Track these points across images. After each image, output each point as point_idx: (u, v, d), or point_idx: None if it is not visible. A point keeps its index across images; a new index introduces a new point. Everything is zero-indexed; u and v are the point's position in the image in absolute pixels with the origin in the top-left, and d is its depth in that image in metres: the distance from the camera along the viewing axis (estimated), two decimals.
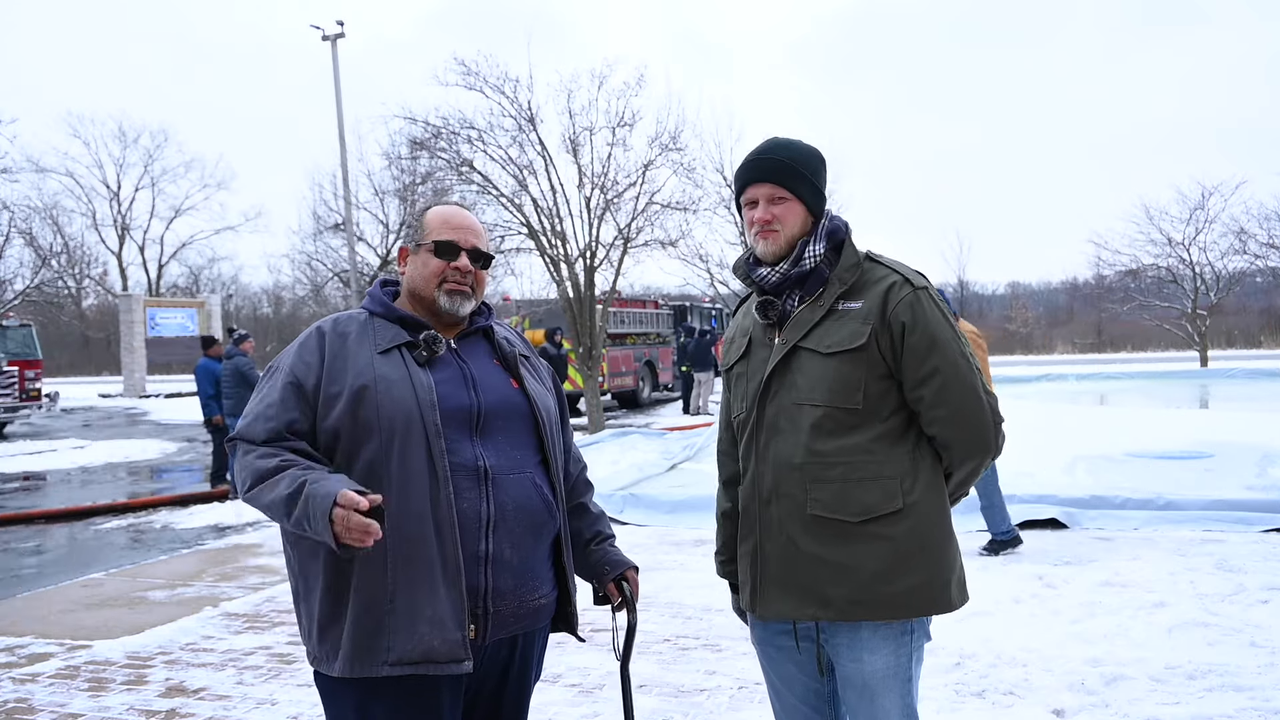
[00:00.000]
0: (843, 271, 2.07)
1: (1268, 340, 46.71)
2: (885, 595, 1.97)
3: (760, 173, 2.10)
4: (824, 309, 2.06)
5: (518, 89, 15.82)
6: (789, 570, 2.05)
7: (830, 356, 2.02)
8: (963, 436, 2.03)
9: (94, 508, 10.06)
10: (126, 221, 45.64)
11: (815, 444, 2.01)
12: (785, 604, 2.07)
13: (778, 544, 2.07)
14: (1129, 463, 9.50)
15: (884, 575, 1.97)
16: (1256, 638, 4.36)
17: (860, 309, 2.03)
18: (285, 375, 1.94)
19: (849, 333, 2.01)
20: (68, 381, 46.01)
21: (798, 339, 2.06)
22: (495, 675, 2.00)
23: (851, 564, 1.99)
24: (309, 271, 35.61)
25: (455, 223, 2.08)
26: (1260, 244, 29.76)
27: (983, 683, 3.96)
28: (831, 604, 2.00)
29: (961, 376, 2.01)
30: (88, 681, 4.45)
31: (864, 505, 1.99)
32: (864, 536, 1.99)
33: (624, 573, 2.19)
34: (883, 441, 2.01)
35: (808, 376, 2.04)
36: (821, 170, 2.13)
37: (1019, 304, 58.84)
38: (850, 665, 2.04)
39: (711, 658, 4.40)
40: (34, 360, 21.25)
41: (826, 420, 2.01)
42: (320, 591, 1.88)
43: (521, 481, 1.97)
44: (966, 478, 2.11)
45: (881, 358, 2.01)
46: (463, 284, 2.04)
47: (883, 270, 2.07)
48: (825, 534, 2.01)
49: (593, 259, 16.26)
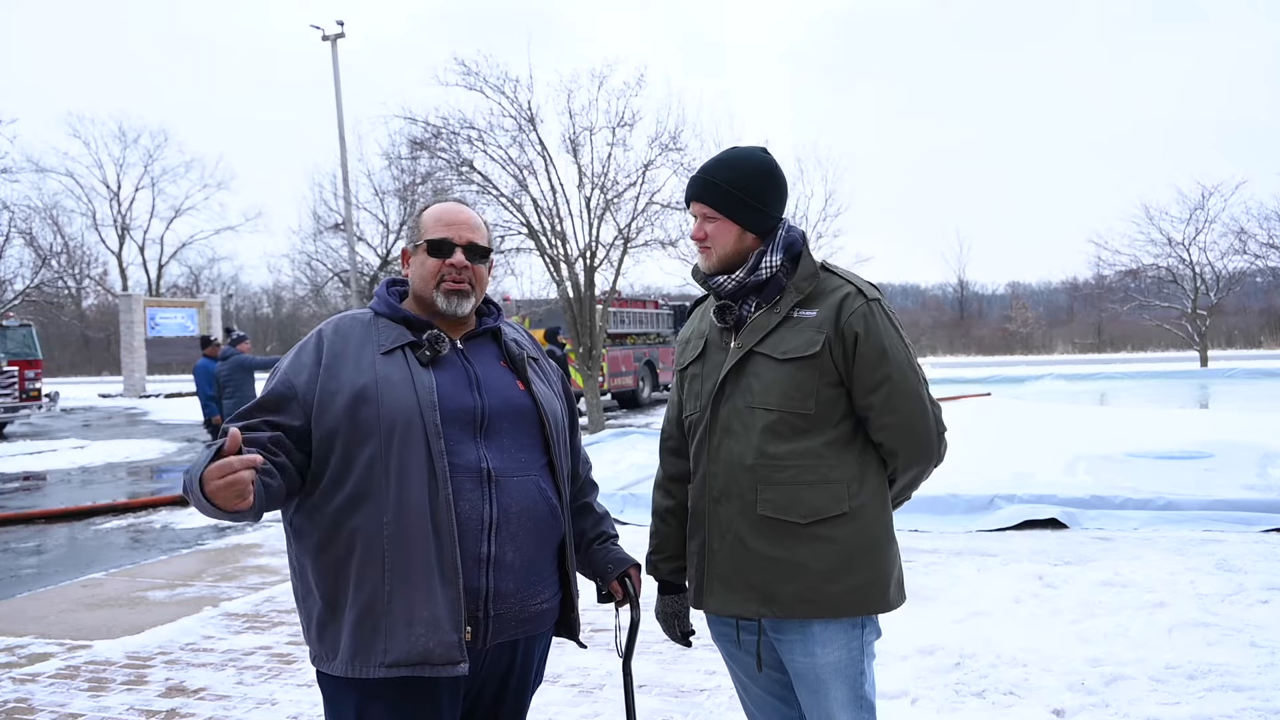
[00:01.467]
0: (800, 280, 2.13)
1: (1268, 340, 46.72)
2: (830, 594, 2.04)
3: (695, 191, 2.18)
4: (780, 316, 2.11)
5: (518, 89, 15.85)
6: (735, 568, 2.11)
7: (785, 362, 2.07)
8: (909, 444, 2.10)
9: (94, 508, 10.05)
10: (126, 221, 45.71)
11: (767, 446, 2.07)
12: (729, 600, 2.13)
13: (726, 542, 2.12)
14: (1129, 463, 9.51)
15: (829, 575, 2.04)
16: (1257, 638, 4.36)
17: (815, 318, 2.09)
18: (280, 377, 1.94)
19: (804, 340, 2.07)
20: (68, 381, 46.00)
21: (753, 344, 2.12)
22: (496, 680, 1.99)
23: (798, 563, 2.04)
24: (309, 271, 35.67)
25: (448, 219, 2.04)
26: (1260, 244, 29.82)
27: (983, 683, 3.96)
28: (776, 601, 2.07)
29: (909, 386, 2.07)
30: (88, 681, 4.45)
31: (811, 507, 2.05)
32: (810, 538, 2.04)
33: (627, 570, 2.19)
34: (833, 447, 2.08)
35: (762, 381, 2.10)
36: (766, 189, 2.15)
37: (1019, 304, 58.88)
38: (802, 660, 2.10)
39: (711, 658, 4.38)
40: (34, 360, 21.23)
41: (779, 424, 2.07)
42: (320, 591, 1.88)
43: (525, 484, 1.96)
44: (910, 483, 2.19)
45: (834, 365, 2.07)
46: (460, 282, 2.01)
47: (838, 281, 2.14)
48: (773, 534, 2.06)
49: (593, 259, 16.26)
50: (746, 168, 2.15)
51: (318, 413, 1.88)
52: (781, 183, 2.19)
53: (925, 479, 2.22)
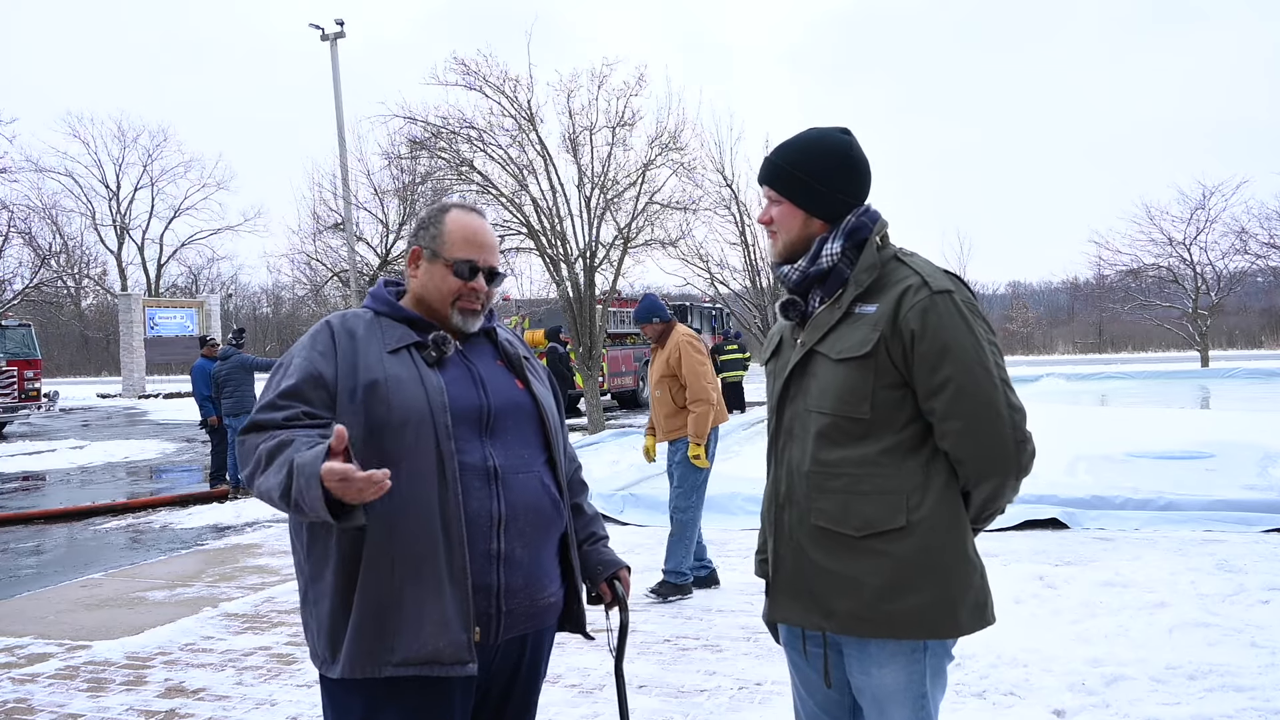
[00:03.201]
0: (860, 273, 1.98)
1: (1268, 340, 46.74)
2: (886, 614, 1.90)
3: (761, 173, 2.11)
4: (841, 311, 1.97)
5: (517, 89, 15.85)
6: (797, 577, 2.02)
7: (840, 363, 1.94)
8: (977, 453, 1.90)
9: (94, 508, 10.05)
10: (126, 221, 45.71)
11: (820, 453, 1.96)
12: (793, 610, 2.04)
13: (789, 549, 2.03)
14: (1129, 463, 9.51)
15: (885, 593, 1.90)
16: (1257, 638, 4.35)
17: (874, 314, 1.93)
18: (302, 365, 1.91)
19: (858, 339, 1.93)
20: (67, 381, 46.03)
21: (814, 342, 2.00)
22: (505, 676, 2.00)
23: (854, 578, 1.92)
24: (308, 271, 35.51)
25: (477, 240, 2.04)
26: (1261, 244, 29.82)
27: (983, 683, 3.95)
28: (835, 616, 1.95)
29: (978, 387, 1.87)
30: (87, 682, 4.44)
31: (864, 519, 1.91)
32: (865, 551, 1.91)
33: (616, 573, 2.19)
34: (893, 454, 1.92)
35: (819, 382, 1.98)
36: (833, 171, 2.03)
37: (1020, 304, 58.94)
38: (861, 678, 2.00)
39: (711, 658, 4.39)
40: (33, 360, 21.24)
41: (832, 429, 1.95)
42: (328, 592, 1.87)
43: (530, 481, 1.97)
44: (990, 498, 1.98)
45: (892, 365, 1.91)
46: (475, 303, 2.04)
47: (905, 272, 1.96)
48: (829, 545, 1.95)
49: (593, 259, 16.27)
50: (813, 149, 2.03)
51: (339, 401, 1.87)
52: (856, 165, 2.04)
53: (1010, 494, 1.99)
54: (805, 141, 2.06)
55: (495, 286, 2.08)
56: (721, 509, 7.80)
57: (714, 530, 7.14)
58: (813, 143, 2.05)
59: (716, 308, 27.43)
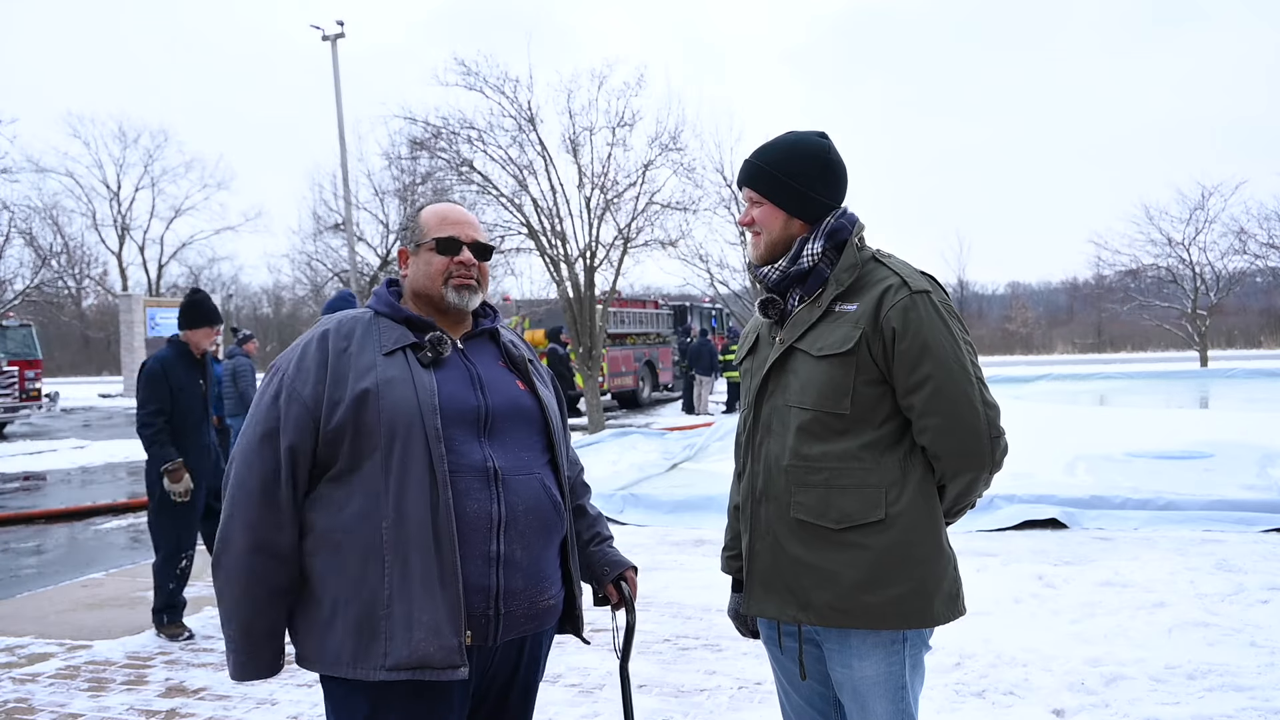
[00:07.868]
0: (840, 273, 2.03)
1: (1268, 340, 46.75)
2: (864, 605, 1.95)
3: (741, 175, 2.16)
4: (821, 310, 2.03)
5: (518, 89, 15.85)
6: (774, 571, 2.05)
7: (821, 360, 2.00)
8: (954, 448, 1.96)
9: (94, 508, 10.04)
10: (126, 221, 45.65)
11: (801, 447, 2.00)
12: (769, 604, 2.07)
13: (765, 543, 2.07)
14: (1129, 463, 9.51)
15: (864, 585, 1.94)
16: (1256, 638, 4.36)
17: (855, 312, 1.99)
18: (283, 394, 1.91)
19: (840, 336, 1.98)
20: (68, 381, 46.00)
21: (794, 339, 2.05)
22: (503, 678, 2.00)
23: (833, 570, 1.97)
24: (309, 271, 35.60)
25: (453, 218, 2.08)
26: (1260, 244, 29.81)
27: (983, 683, 3.96)
28: (812, 608, 1.99)
29: (955, 385, 1.94)
30: (88, 681, 4.45)
31: (844, 513, 1.96)
32: (844, 544, 1.96)
33: (622, 573, 2.20)
34: (872, 449, 1.97)
35: (800, 378, 2.03)
36: (813, 173, 2.07)
37: (1019, 304, 58.93)
38: (841, 670, 2.03)
39: (711, 658, 4.40)
40: (34, 360, 21.22)
41: (813, 424, 2.00)
42: (320, 593, 1.87)
43: (531, 483, 1.97)
44: (963, 492, 2.04)
45: (873, 362, 1.97)
46: (468, 277, 2.05)
47: (884, 272, 2.02)
48: (808, 538, 2.00)
49: (593, 259, 16.27)
50: (794, 151, 2.09)
51: (325, 416, 1.88)
52: (833, 167, 2.10)
53: (982, 488, 2.05)
54: (786, 144, 2.11)
55: (485, 261, 2.10)
56: (720, 509, 7.80)
57: (713, 530, 7.14)
58: (794, 145, 2.11)
59: (716, 308, 27.45)
